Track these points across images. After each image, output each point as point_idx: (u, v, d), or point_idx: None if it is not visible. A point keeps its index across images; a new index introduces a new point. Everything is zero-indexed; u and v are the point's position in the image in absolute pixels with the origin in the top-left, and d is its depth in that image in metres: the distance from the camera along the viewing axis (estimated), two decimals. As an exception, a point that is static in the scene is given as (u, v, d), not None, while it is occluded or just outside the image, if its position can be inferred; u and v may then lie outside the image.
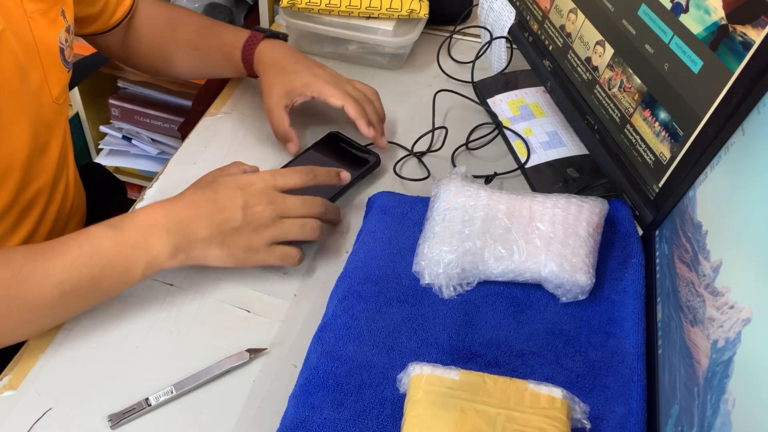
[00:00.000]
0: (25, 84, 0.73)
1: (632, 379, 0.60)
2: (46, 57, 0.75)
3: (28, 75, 0.73)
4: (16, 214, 0.78)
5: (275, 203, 0.69)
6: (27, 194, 0.79)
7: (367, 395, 0.60)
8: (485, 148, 0.92)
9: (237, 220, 0.68)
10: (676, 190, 0.63)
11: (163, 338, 0.68)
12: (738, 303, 0.47)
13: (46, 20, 0.74)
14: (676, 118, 0.64)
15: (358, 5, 0.99)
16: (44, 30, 0.74)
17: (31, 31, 0.73)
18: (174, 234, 0.66)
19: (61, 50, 0.78)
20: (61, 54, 0.78)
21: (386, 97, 0.98)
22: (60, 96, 0.80)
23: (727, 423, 0.44)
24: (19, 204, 0.78)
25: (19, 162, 0.75)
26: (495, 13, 0.99)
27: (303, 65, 0.88)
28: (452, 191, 0.72)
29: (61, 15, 0.77)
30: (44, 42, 0.74)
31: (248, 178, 0.70)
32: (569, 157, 0.87)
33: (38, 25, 0.73)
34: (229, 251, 0.68)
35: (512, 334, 0.64)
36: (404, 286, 0.68)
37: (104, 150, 1.78)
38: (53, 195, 0.84)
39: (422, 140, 0.91)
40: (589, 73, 0.78)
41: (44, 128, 0.78)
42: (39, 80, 0.75)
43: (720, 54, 0.58)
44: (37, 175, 0.79)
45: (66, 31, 0.78)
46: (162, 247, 0.65)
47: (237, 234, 0.68)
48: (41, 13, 0.73)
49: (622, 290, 0.67)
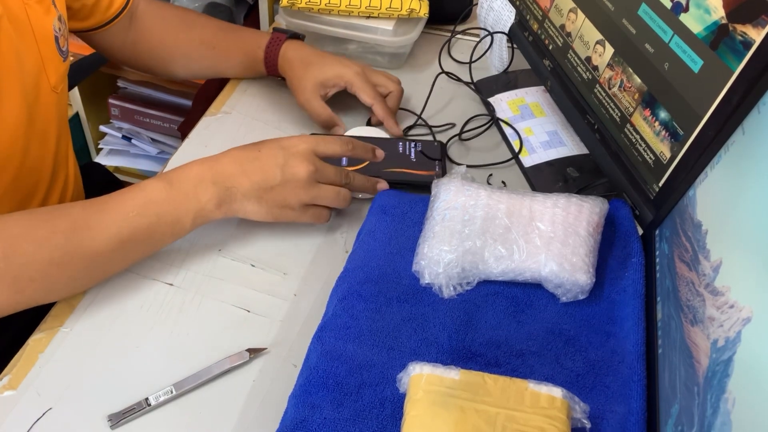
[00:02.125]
0: (23, 69, 0.73)
1: (632, 379, 0.60)
2: (43, 44, 0.76)
3: (26, 60, 0.74)
4: (15, 201, 0.78)
5: (314, 167, 0.72)
6: (26, 181, 0.79)
7: (367, 395, 0.60)
8: (479, 139, 0.92)
9: (276, 178, 0.71)
10: (676, 190, 0.63)
11: (163, 338, 0.68)
12: (738, 302, 0.47)
13: (42, 8, 0.75)
14: (676, 117, 0.64)
15: (357, 5, 0.99)
16: (40, 17, 0.75)
17: (29, 18, 0.73)
18: (219, 187, 0.70)
19: (56, 38, 0.78)
20: (56, 42, 0.78)
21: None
22: (58, 85, 0.81)
23: (727, 422, 0.44)
24: (19, 190, 0.78)
25: (18, 145, 0.75)
26: (495, 13, 0.99)
27: (331, 58, 0.92)
28: (452, 191, 0.72)
29: (52, 4, 0.77)
30: (40, 29, 0.75)
31: (291, 140, 0.73)
32: (569, 156, 0.87)
33: (34, 12, 0.74)
34: (267, 207, 0.72)
35: (512, 333, 0.64)
36: (404, 285, 0.68)
37: (104, 150, 1.78)
38: (53, 186, 0.85)
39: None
40: (589, 72, 0.78)
41: (43, 115, 0.79)
42: (37, 67, 0.76)
43: (720, 53, 0.58)
44: (36, 163, 0.80)
45: (58, 20, 0.79)
46: (209, 199, 0.70)
47: (274, 191, 0.71)
48: (36, 1, 0.75)
49: (622, 290, 0.67)
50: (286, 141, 0.73)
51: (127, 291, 0.72)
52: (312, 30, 1.02)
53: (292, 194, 0.72)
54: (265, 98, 0.98)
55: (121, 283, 0.72)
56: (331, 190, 0.74)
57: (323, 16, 1.01)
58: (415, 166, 0.84)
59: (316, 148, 0.74)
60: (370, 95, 0.90)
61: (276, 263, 0.76)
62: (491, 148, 0.91)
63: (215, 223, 0.79)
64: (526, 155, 0.88)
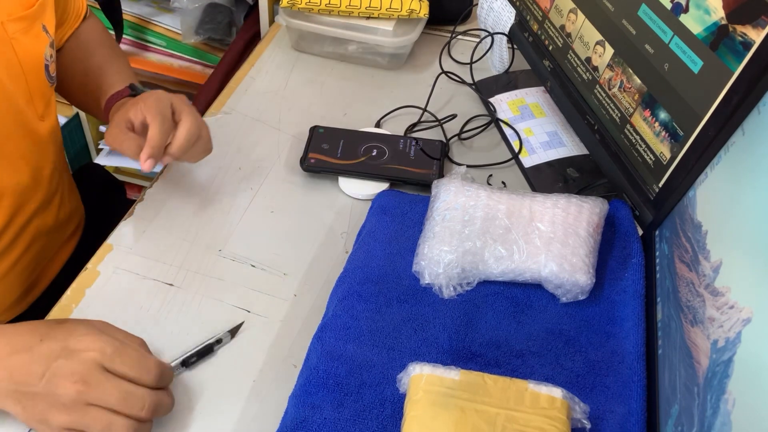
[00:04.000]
0: (10, 108, 0.72)
1: (632, 379, 0.60)
2: (31, 76, 0.75)
3: (13, 97, 0.73)
4: (11, 235, 0.78)
5: (85, 386, 0.55)
6: (20, 218, 0.79)
7: (367, 395, 0.60)
8: (479, 139, 0.92)
9: (37, 385, 0.55)
10: (676, 190, 0.63)
11: (163, 338, 0.68)
12: (738, 303, 0.47)
13: (29, 38, 0.74)
14: (676, 118, 0.64)
15: (358, 5, 0.99)
16: (28, 48, 0.73)
17: (15, 54, 0.72)
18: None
19: (46, 66, 0.77)
20: (45, 70, 0.77)
21: (386, 97, 0.98)
22: (45, 112, 0.79)
23: (727, 423, 0.44)
24: (13, 227, 0.78)
25: (10, 188, 0.75)
26: (495, 13, 0.99)
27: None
28: (452, 191, 0.72)
29: (43, 30, 0.76)
30: (28, 61, 0.74)
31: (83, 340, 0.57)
32: (569, 157, 0.87)
33: (21, 45, 0.72)
34: (27, 414, 0.56)
35: (512, 334, 0.64)
36: (404, 286, 0.68)
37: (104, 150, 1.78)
38: (48, 210, 0.84)
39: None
40: (589, 73, 0.78)
41: (34, 147, 0.78)
42: (25, 101, 0.75)
43: (720, 54, 0.58)
44: (30, 197, 0.79)
45: (50, 47, 0.77)
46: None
47: (35, 400, 0.56)
48: (23, 32, 0.73)
49: (622, 290, 0.67)
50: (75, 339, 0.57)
51: (127, 291, 0.72)
52: (312, 30, 1.02)
53: (51, 412, 0.55)
54: (265, 98, 0.98)
55: (121, 283, 0.72)
56: (100, 421, 0.55)
57: (323, 16, 1.01)
58: (413, 164, 0.85)
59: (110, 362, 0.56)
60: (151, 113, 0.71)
61: (276, 263, 0.76)
62: (491, 149, 0.92)
63: (215, 223, 0.79)
64: (526, 156, 0.88)
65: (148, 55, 1.48)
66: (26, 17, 0.73)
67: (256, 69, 1.03)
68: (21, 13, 0.72)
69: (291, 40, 1.07)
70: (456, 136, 0.92)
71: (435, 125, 0.93)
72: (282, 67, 1.04)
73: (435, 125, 0.93)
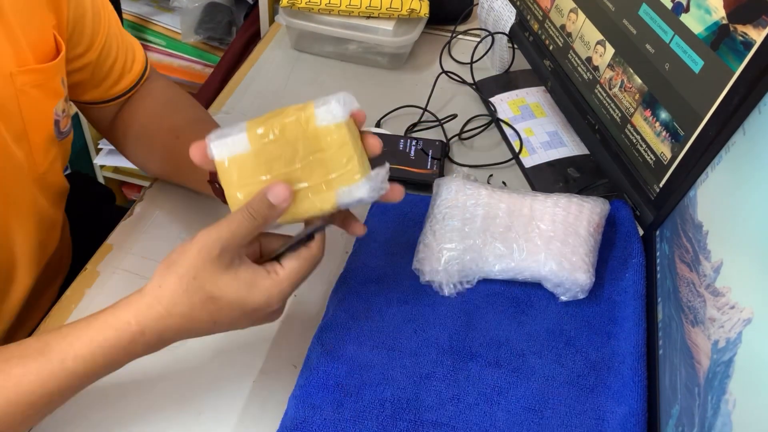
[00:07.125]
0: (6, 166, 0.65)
1: (633, 380, 0.60)
2: (35, 134, 0.67)
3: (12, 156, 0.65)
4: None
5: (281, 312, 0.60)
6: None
7: (367, 395, 0.60)
8: (480, 139, 0.92)
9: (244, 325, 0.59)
10: (677, 190, 0.63)
11: (163, 338, 0.68)
12: (739, 303, 0.47)
13: (42, 91, 0.66)
14: (676, 118, 0.64)
15: (358, 5, 0.99)
16: (36, 104, 0.65)
17: (20, 110, 0.64)
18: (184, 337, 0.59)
19: (56, 122, 0.69)
20: (55, 126, 0.69)
21: (386, 97, 0.98)
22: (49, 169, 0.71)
23: (727, 423, 0.44)
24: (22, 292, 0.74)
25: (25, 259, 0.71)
26: (495, 13, 0.99)
27: None
28: (453, 189, 0.72)
29: (61, 84, 0.68)
30: (34, 119, 0.66)
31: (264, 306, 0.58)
32: (570, 157, 0.87)
33: (29, 100, 0.64)
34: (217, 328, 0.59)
35: (513, 333, 0.64)
36: (404, 286, 0.68)
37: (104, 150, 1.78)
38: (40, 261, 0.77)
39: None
40: (589, 72, 0.78)
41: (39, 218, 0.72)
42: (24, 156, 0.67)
43: (721, 54, 0.58)
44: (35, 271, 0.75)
45: (64, 101, 0.70)
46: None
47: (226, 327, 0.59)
48: (35, 85, 0.64)
49: (622, 290, 0.67)
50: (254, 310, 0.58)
51: (127, 291, 0.72)
52: (312, 30, 1.02)
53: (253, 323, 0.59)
54: (265, 98, 0.98)
55: (122, 284, 0.72)
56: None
57: (323, 16, 1.01)
58: (413, 164, 0.85)
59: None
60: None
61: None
62: (492, 149, 0.91)
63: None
64: (527, 156, 0.88)
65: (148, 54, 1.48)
66: (42, 71, 0.65)
67: (256, 69, 1.03)
68: (34, 66, 0.64)
69: (291, 39, 1.07)
70: (456, 136, 0.92)
71: (435, 125, 0.93)
72: (282, 66, 1.04)
73: (435, 125, 0.93)
